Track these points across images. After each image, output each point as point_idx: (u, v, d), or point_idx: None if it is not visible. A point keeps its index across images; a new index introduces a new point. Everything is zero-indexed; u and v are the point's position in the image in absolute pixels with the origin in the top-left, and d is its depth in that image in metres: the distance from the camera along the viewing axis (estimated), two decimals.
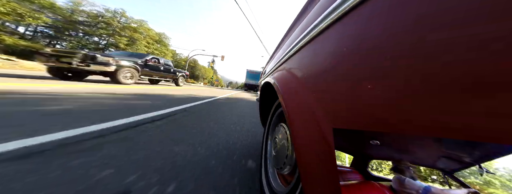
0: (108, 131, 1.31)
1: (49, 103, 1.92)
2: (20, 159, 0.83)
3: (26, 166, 0.77)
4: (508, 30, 0.13)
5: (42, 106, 1.74)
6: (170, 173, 0.88)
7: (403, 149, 0.23)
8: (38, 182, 0.68)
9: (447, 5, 0.18)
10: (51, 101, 2.00)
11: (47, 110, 1.64)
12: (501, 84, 0.13)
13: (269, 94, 1.11)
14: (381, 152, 0.25)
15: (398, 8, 0.24)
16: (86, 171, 0.80)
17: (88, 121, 1.44)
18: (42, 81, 3.70)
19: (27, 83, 3.05)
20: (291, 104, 0.50)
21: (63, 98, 2.25)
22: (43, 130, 1.16)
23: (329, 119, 0.32)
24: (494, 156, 0.15)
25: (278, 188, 0.66)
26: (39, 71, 7.00)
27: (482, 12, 0.15)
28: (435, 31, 0.18)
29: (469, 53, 0.15)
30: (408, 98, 0.20)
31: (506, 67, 0.13)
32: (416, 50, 0.20)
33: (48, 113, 1.54)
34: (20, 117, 1.35)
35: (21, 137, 1.02)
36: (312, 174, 0.33)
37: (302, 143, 0.39)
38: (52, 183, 0.69)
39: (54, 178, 0.72)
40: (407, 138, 0.21)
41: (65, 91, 2.74)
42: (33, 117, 1.38)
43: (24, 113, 1.45)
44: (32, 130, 1.14)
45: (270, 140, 0.99)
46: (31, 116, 1.40)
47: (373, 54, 0.26)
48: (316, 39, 0.46)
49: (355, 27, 0.31)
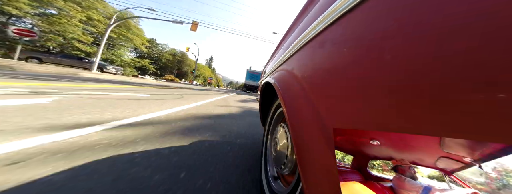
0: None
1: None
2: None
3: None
4: (509, 30, 0.13)
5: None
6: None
7: (403, 149, 0.23)
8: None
9: (447, 5, 0.18)
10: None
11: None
12: (501, 84, 0.13)
13: (269, 95, 1.11)
14: (381, 152, 0.25)
15: (398, 8, 0.24)
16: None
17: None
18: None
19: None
20: (291, 104, 0.50)
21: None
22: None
23: (329, 119, 0.32)
24: (494, 156, 0.15)
25: (278, 188, 0.66)
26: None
27: (483, 12, 0.15)
28: (435, 31, 0.18)
29: (469, 53, 0.15)
30: (408, 97, 0.20)
31: (506, 67, 0.13)
32: (416, 50, 0.20)
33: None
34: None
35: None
36: (312, 174, 0.33)
37: (302, 143, 0.39)
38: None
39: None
40: (407, 138, 0.21)
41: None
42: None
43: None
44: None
45: (270, 140, 0.99)
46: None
47: (373, 54, 0.26)
48: (316, 39, 0.46)
49: (355, 27, 0.31)
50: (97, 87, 3.97)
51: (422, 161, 0.21)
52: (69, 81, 4.35)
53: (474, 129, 0.15)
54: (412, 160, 0.22)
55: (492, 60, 0.14)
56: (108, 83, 5.29)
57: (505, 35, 0.13)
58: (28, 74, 4.65)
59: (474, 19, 0.15)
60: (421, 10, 0.20)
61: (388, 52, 0.23)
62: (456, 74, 0.16)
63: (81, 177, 0.73)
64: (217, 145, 1.35)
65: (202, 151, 1.18)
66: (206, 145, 1.31)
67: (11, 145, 0.90)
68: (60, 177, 0.71)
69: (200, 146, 1.28)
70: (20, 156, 0.82)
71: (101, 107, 1.99)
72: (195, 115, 2.43)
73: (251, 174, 0.97)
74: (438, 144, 0.19)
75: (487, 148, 0.15)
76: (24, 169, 0.72)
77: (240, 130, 1.97)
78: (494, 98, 0.14)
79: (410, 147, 0.22)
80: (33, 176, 0.69)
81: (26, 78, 3.69)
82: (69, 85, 3.53)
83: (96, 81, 5.73)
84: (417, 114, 0.19)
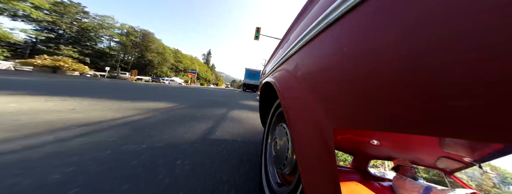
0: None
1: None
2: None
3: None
4: (509, 30, 0.13)
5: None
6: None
7: (403, 149, 0.23)
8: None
9: (447, 5, 0.18)
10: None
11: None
12: (502, 84, 0.13)
13: (269, 94, 1.11)
14: (381, 152, 0.25)
15: (397, 8, 0.24)
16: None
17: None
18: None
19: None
20: (291, 104, 0.50)
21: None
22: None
23: (329, 119, 0.32)
24: (494, 156, 0.15)
25: (278, 189, 0.66)
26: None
27: (483, 12, 0.15)
28: (435, 31, 0.18)
29: (469, 53, 0.15)
30: (408, 98, 0.20)
31: (506, 67, 0.13)
32: (416, 50, 0.20)
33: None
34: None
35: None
36: (312, 174, 0.33)
37: (302, 143, 0.39)
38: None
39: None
40: (407, 138, 0.21)
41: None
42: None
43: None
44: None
45: (270, 140, 0.99)
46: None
47: (373, 54, 0.26)
48: (316, 39, 0.46)
49: (355, 27, 0.31)
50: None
51: (422, 161, 0.21)
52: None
53: (474, 129, 0.15)
54: (412, 160, 0.22)
55: (492, 61, 0.14)
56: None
57: (505, 35, 0.13)
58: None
59: (474, 19, 0.15)
60: (421, 10, 0.20)
61: (388, 52, 0.23)
62: (456, 74, 0.16)
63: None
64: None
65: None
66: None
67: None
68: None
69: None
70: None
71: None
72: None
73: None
74: (438, 144, 0.19)
75: (487, 148, 0.15)
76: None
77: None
78: (494, 98, 0.14)
79: (410, 147, 0.22)
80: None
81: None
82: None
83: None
84: (417, 114, 0.19)
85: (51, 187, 0.71)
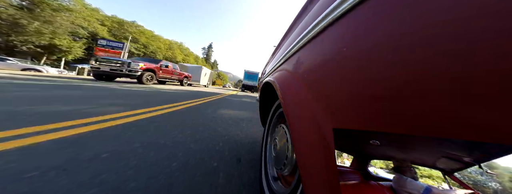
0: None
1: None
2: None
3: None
4: (508, 31, 0.13)
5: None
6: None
7: (403, 149, 0.23)
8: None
9: (447, 5, 0.18)
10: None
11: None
12: (501, 84, 0.13)
13: (269, 95, 1.11)
14: (381, 152, 0.25)
15: (397, 8, 0.24)
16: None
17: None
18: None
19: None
20: (291, 104, 0.50)
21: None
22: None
23: (329, 119, 0.32)
24: (494, 156, 0.15)
25: (278, 189, 0.66)
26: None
27: (483, 11, 0.15)
28: (435, 31, 0.18)
29: (469, 53, 0.15)
30: (408, 98, 0.20)
31: (506, 67, 0.13)
32: (416, 50, 0.20)
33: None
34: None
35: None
36: (312, 174, 0.33)
37: (302, 143, 0.39)
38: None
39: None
40: (407, 138, 0.21)
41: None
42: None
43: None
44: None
45: (270, 140, 0.99)
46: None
47: (372, 54, 0.26)
48: (316, 39, 0.46)
49: (355, 27, 0.31)
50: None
51: (423, 161, 0.21)
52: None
53: (474, 129, 0.15)
54: (413, 160, 0.21)
55: (492, 60, 0.14)
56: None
57: (505, 35, 0.13)
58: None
59: (474, 19, 0.15)
60: (421, 10, 0.20)
61: (388, 52, 0.23)
62: (456, 74, 0.16)
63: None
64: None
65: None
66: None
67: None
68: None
69: None
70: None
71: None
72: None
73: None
74: (438, 144, 0.19)
75: (487, 148, 0.15)
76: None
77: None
78: (494, 98, 0.14)
79: (410, 147, 0.22)
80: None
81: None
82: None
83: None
84: (417, 114, 0.19)
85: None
